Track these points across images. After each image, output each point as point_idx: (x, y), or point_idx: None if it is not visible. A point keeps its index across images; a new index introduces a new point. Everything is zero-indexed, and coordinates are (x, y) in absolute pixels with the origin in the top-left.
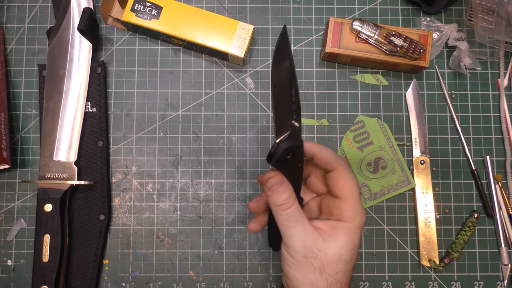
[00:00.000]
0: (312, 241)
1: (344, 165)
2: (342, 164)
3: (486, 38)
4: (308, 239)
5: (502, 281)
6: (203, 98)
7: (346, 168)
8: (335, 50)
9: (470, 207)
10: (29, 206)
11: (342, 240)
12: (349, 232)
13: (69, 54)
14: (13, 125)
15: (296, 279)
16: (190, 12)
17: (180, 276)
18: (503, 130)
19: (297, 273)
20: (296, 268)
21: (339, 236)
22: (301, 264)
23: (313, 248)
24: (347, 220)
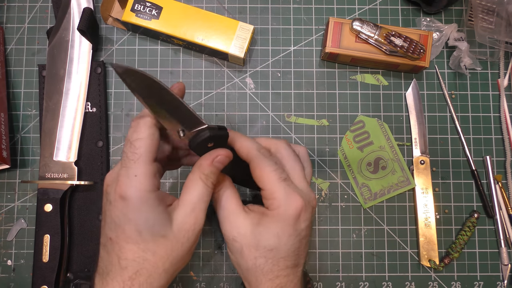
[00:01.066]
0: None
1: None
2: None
3: (486, 38)
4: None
5: (502, 281)
6: (203, 98)
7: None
8: (335, 50)
9: (470, 207)
10: (29, 206)
11: (263, 227)
12: (273, 220)
13: (69, 54)
14: (13, 125)
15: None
16: (190, 12)
17: (180, 276)
18: (503, 130)
19: (229, 252)
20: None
21: (263, 222)
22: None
23: (234, 230)
24: (271, 208)
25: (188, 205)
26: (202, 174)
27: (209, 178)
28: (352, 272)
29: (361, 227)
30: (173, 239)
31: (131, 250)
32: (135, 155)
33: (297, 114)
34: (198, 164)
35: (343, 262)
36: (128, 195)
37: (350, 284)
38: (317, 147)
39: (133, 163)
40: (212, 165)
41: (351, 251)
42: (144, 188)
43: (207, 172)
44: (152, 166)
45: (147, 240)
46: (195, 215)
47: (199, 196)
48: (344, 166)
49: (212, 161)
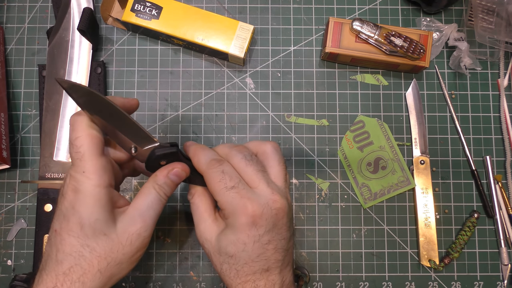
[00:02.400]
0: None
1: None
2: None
3: (486, 38)
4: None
5: (502, 281)
6: (203, 98)
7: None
8: (335, 50)
9: (470, 207)
10: (29, 206)
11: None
12: (228, 228)
13: (69, 54)
14: (13, 125)
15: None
16: (190, 12)
17: (180, 276)
18: (503, 130)
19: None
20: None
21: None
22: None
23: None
24: (223, 218)
25: (136, 210)
26: (155, 184)
27: (162, 189)
28: (352, 272)
29: (361, 227)
30: (114, 239)
31: (70, 243)
32: (78, 154)
33: (297, 114)
34: (154, 175)
35: (343, 262)
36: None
37: (350, 284)
38: (317, 147)
39: (79, 161)
40: (167, 177)
41: (351, 251)
42: (94, 183)
43: (160, 183)
44: (99, 160)
45: (87, 235)
46: (142, 220)
47: (149, 204)
48: (344, 166)
49: (167, 173)
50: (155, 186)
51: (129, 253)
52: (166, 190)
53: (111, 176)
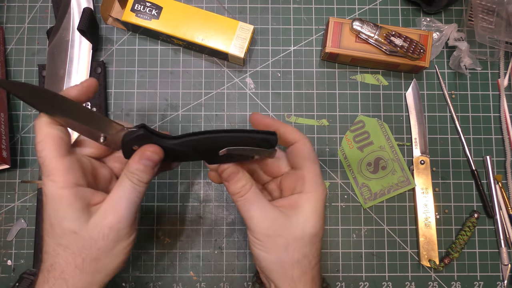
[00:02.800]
0: (272, 220)
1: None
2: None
3: (486, 38)
4: (267, 219)
5: (502, 281)
6: (203, 98)
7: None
8: (335, 50)
9: (470, 207)
10: (29, 206)
11: (306, 212)
12: (312, 202)
13: (69, 54)
14: (13, 125)
15: (264, 259)
16: (190, 12)
17: (180, 276)
18: (503, 130)
19: (264, 252)
20: (262, 248)
21: (302, 208)
22: (266, 243)
23: (274, 226)
24: (309, 190)
25: (109, 202)
26: (128, 172)
27: (135, 176)
28: (352, 272)
29: (361, 227)
30: (85, 235)
31: (48, 243)
32: (41, 158)
33: (297, 114)
34: (126, 162)
35: (343, 262)
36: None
37: (350, 284)
38: (317, 147)
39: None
40: (138, 162)
41: (351, 251)
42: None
43: (132, 170)
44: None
45: (58, 235)
46: (116, 212)
47: (122, 193)
48: (344, 166)
49: (138, 159)
50: (127, 174)
51: (105, 247)
52: (140, 176)
53: (79, 175)
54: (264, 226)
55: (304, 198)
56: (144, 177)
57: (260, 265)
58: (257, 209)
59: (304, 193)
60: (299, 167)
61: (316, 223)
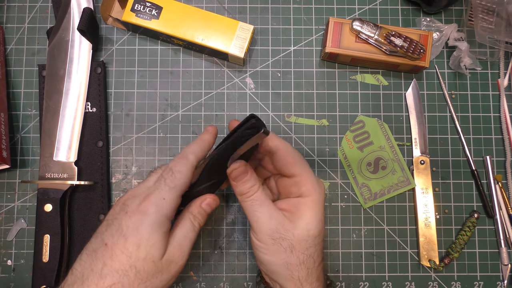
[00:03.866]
0: (278, 223)
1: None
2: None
3: (486, 38)
4: (273, 222)
5: (502, 281)
6: (203, 98)
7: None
8: (335, 50)
9: (470, 207)
10: (29, 206)
11: (307, 216)
12: (311, 206)
13: (69, 54)
14: (13, 125)
15: (269, 262)
16: (190, 12)
17: (180, 276)
18: (503, 130)
19: (269, 256)
20: (267, 251)
21: (303, 212)
22: (271, 246)
23: (279, 229)
24: (307, 194)
25: (176, 240)
26: (190, 214)
27: (196, 219)
28: (352, 272)
29: (361, 227)
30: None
31: (120, 260)
32: (172, 182)
33: (297, 114)
34: (189, 205)
35: (343, 262)
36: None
37: (350, 284)
38: (317, 147)
39: (168, 189)
40: (200, 207)
41: (351, 251)
42: (165, 212)
43: (195, 213)
44: (178, 199)
45: (138, 257)
46: (180, 250)
47: (184, 233)
48: (344, 166)
49: (200, 204)
50: (190, 216)
51: (165, 280)
52: (199, 220)
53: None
54: (269, 229)
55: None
56: (202, 220)
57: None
58: (264, 211)
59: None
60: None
61: (317, 224)
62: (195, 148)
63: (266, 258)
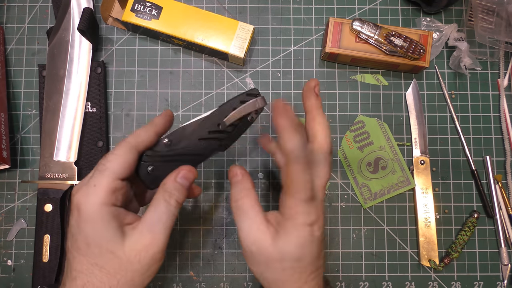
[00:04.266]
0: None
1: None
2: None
3: (486, 38)
4: (251, 235)
5: (502, 281)
6: (203, 98)
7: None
8: (335, 50)
9: (470, 207)
10: (29, 206)
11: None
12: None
13: (69, 54)
14: (13, 125)
15: (252, 270)
16: (190, 12)
17: (180, 276)
18: (503, 130)
19: (250, 264)
20: (248, 259)
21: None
22: (250, 256)
23: (256, 243)
24: (288, 217)
25: (145, 225)
26: (164, 192)
27: (173, 196)
28: (352, 272)
29: (361, 227)
30: (122, 256)
31: (80, 261)
32: (103, 166)
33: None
34: (162, 183)
35: (343, 262)
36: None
37: (350, 284)
38: None
39: (98, 173)
40: (175, 181)
41: (351, 251)
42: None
43: (170, 189)
44: (115, 182)
45: (94, 254)
46: (152, 235)
47: (158, 216)
48: (344, 166)
49: (175, 178)
50: (164, 195)
51: (140, 270)
52: (176, 196)
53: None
54: (248, 241)
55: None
56: (180, 197)
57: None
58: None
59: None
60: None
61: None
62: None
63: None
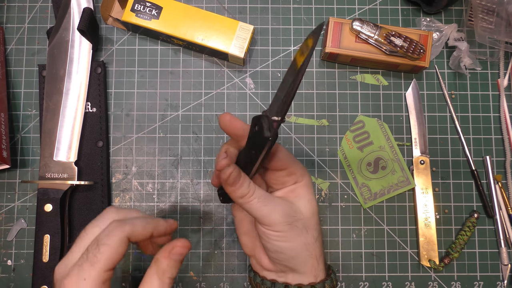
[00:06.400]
0: (288, 207)
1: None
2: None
3: (486, 38)
4: (285, 208)
5: (502, 281)
6: (203, 98)
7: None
8: (335, 50)
9: (470, 207)
10: (29, 206)
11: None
12: (306, 189)
13: (69, 54)
14: (13, 125)
15: (289, 249)
16: (190, 12)
17: (180, 276)
18: (503, 130)
19: (288, 242)
20: (286, 239)
21: (302, 195)
22: (289, 232)
23: (291, 213)
24: (301, 179)
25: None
26: (158, 270)
27: (166, 273)
28: (352, 272)
29: (361, 227)
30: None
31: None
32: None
33: (297, 114)
34: (155, 259)
35: (343, 262)
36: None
37: (350, 284)
38: (317, 147)
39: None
40: (169, 257)
41: (351, 251)
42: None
43: (163, 266)
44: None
45: None
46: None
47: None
48: (344, 166)
49: (169, 253)
50: (158, 272)
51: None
52: (170, 273)
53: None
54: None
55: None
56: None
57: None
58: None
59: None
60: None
61: (314, 202)
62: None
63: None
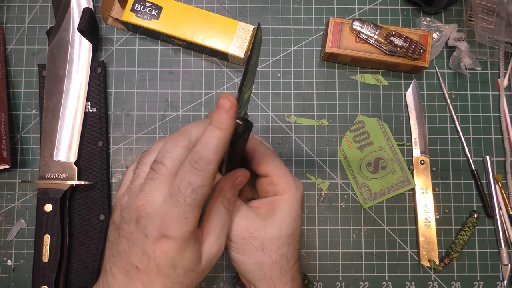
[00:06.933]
0: (247, 222)
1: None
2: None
3: (486, 38)
4: (242, 221)
5: (502, 281)
6: (203, 98)
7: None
8: (335, 50)
9: (470, 207)
10: (29, 206)
11: (280, 214)
12: (286, 204)
13: (69, 54)
14: (13, 125)
15: (241, 262)
16: (190, 12)
17: None
18: (503, 130)
19: (241, 255)
20: (238, 250)
21: (277, 210)
22: (242, 246)
23: (249, 228)
24: (282, 192)
25: (212, 235)
26: (224, 199)
27: (231, 202)
28: (352, 272)
29: (361, 227)
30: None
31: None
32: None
33: (297, 114)
34: (219, 189)
35: (343, 262)
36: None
37: (350, 284)
38: (317, 147)
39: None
40: (233, 187)
41: (351, 251)
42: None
43: (229, 196)
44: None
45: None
46: (219, 242)
47: (222, 224)
48: (344, 166)
49: (233, 183)
50: (224, 202)
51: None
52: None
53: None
54: (239, 228)
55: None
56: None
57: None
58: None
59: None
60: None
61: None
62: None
63: (237, 257)
